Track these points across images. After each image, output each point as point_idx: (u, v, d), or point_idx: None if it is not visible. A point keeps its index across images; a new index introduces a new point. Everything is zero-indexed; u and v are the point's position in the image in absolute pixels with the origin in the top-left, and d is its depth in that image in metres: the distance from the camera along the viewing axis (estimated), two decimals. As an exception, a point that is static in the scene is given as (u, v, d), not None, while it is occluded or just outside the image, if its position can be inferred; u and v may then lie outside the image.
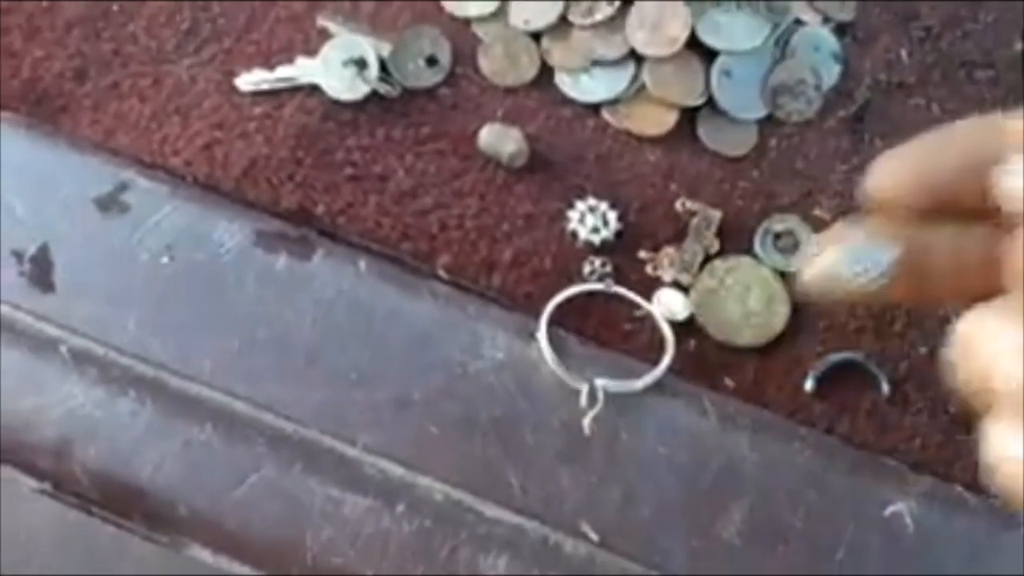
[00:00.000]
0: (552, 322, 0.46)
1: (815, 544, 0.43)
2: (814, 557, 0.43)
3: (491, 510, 0.42)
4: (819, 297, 0.28)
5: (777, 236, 0.50)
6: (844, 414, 0.46)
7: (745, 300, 0.48)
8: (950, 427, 0.46)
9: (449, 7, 0.55)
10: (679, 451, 0.44)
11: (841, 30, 0.56)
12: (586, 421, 0.43)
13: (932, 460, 0.45)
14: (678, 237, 0.50)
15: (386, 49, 0.53)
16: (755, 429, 0.45)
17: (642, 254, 0.49)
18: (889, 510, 0.44)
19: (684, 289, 0.49)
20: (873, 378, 0.47)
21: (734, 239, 0.50)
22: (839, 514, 0.43)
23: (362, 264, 0.47)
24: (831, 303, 0.43)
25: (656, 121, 0.53)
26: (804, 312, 0.48)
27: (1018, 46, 0.56)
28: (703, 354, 0.47)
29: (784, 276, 0.49)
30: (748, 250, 0.50)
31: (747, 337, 0.48)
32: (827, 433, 0.46)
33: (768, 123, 0.54)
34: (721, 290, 0.49)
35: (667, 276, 0.49)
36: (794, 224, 0.50)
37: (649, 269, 0.49)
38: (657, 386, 0.45)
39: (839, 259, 0.28)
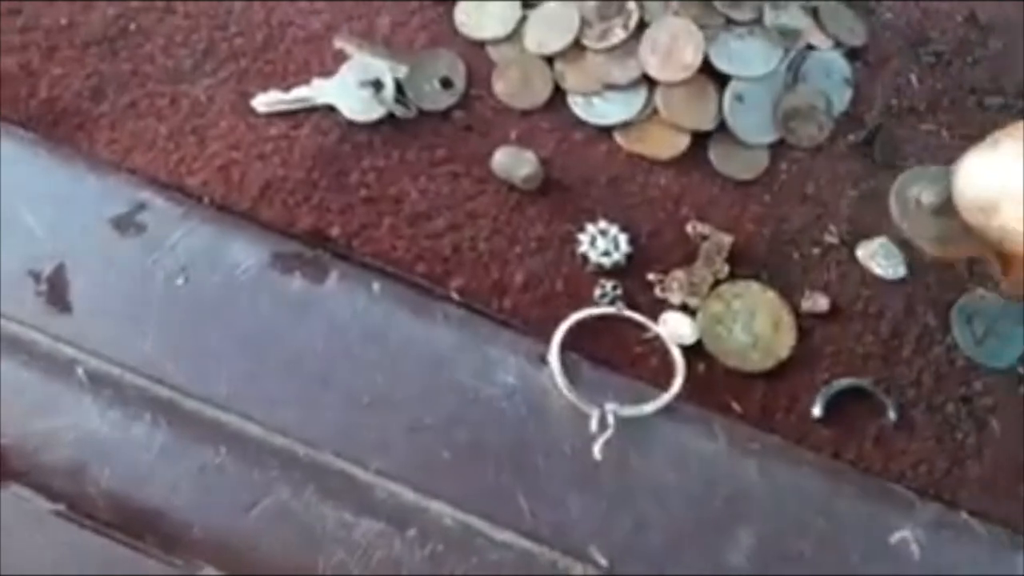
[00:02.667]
0: (563, 346, 0.46)
1: (823, 570, 0.43)
2: (822, 583, 0.43)
3: (501, 535, 0.43)
4: None
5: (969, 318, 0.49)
6: (851, 440, 0.46)
7: (751, 325, 0.49)
8: (957, 454, 0.46)
9: (464, 30, 0.55)
10: (689, 477, 0.44)
11: (852, 55, 0.56)
12: (597, 447, 0.44)
13: (939, 487, 0.46)
14: (688, 260, 0.50)
15: (402, 71, 0.53)
16: (764, 455, 0.45)
17: (651, 276, 0.50)
18: (896, 536, 0.44)
19: (692, 312, 0.49)
20: (880, 404, 0.47)
21: (743, 263, 0.50)
22: (846, 540, 0.44)
23: (376, 286, 0.48)
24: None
25: (668, 145, 0.53)
26: (811, 337, 0.49)
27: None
28: (712, 378, 0.48)
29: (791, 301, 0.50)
30: (756, 275, 0.50)
31: (754, 362, 0.48)
32: (834, 459, 0.46)
33: (779, 147, 0.54)
34: (728, 314, 0.49)
35: (675, 299, 0.49)
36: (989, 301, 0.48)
37: (658, 291, 0.50)
38: (667, 411, 0.45)
39: None
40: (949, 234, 0.39)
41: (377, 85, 0.53)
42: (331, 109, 0.53)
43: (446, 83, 0.54)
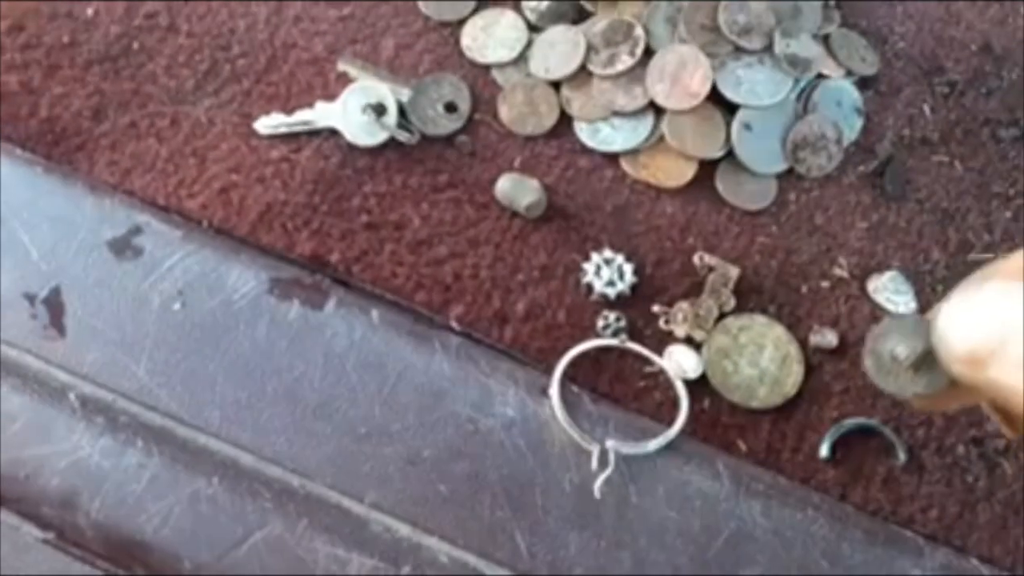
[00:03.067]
0: (564, 378, 0.46)
1: (827, 615, 0.42)
2: (826, 629, 0.42)
3: (498, 574, 0.42)
4: None
5: None
6: (859, 481, 0.45)
7: (758, 360, 0.48)
8: (967, 497, 0.45)
9: (470, 53, 0.54)
10: (691, 516, 0.43)
11: (864, 84, 0.56)
12: (596, 485, 0.43)
13: (949, 531, 0.44)
14: (694, 291, 0.49)
15: (405, 95, 0.53)
16: (768, 495, 0.44)
17: (656, 308, 0.49)
18: (903, 583, 0.43)
19: (697, 345, 0.48)
20: (889, 444, 0.46)
21: (750, 296, 0.50)
22: (852, 586, 0.43)
23: (375, 314, 0.47)
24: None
25: (675, 173, 0.52)
26: (819, 374, 0.48)
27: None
28: (717, 415, 0.47)
29: (798, 335, 0.48)
30: (763, 308, 0.49)
31: (761, 398, 0.47)
32: (841, 500, 0.45)
33: (788, 177, 0.53)
34: (734, 348, 0.48)
35: (680, 331, 0.48)
36: None
37: (662, 323, 0.49)
38: (670, 448, 0.44)
39: None
40: (935, 387, 0.35)
41: (379, 109, 0.52)
42: (333, 133, 0.52)
43: (450, 107, 0.53)
